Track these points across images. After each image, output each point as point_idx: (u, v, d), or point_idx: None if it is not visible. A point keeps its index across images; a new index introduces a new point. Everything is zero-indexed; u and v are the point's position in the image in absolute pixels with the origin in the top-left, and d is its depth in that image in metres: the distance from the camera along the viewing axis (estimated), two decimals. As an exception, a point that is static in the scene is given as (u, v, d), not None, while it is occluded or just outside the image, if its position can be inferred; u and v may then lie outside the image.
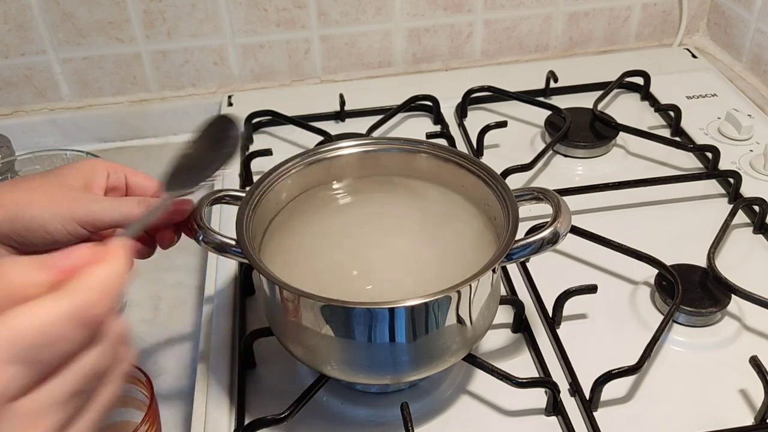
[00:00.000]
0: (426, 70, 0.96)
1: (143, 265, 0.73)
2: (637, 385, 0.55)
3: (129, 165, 0.53)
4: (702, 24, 1.00)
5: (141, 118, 0.92)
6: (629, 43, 1.00)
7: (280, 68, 0.93)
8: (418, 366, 0.50)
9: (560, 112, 0.82)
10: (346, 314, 0.47)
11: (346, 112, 0.86)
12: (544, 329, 0.60)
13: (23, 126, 0.90)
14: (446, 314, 0.48)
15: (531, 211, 0.68)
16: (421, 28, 0.93)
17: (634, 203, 0.72)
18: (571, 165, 0.78)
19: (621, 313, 0.61)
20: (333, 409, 0.55)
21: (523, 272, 0.65)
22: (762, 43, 0.89)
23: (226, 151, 0.51)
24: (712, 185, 0.74)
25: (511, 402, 0.55)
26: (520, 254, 0.50)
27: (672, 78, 0.90)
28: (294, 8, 0.88)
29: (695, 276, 0.62)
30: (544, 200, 0.53)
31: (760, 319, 0.60)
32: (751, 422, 0.53)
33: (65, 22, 0.85)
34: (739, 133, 0.79)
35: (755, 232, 0.69)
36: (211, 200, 0.54)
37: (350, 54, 0.94)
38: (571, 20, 0.96)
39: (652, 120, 0.85)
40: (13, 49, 0.86)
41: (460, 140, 0.82)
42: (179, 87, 0.92)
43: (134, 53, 0.89)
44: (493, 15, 0.93)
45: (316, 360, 0.51)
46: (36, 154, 0.66)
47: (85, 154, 0.65)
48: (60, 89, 0.90)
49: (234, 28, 0.89)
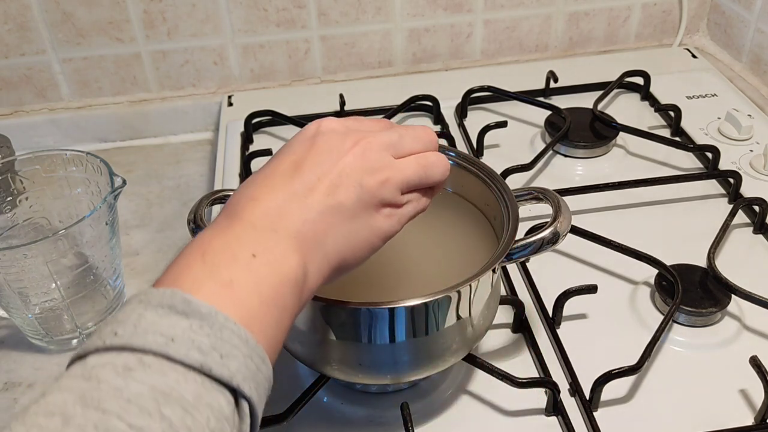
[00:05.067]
0: (426, 70, 0.96)
1: (144, 265, 0.73)
2: (637, 385, 0.55)
3: (129, 165, 0.53)
4: (702, 24, 1.00)
5: (141, 118, 0.92)
6: (629, 43, 1.00)
7: (280, 68, 0.93)
8: (418, 366, 0.50)
9: (560, 112, 0.82)
10: (346, 314, 0.47)
11: (346, 112, 0.86)
12: (544, 329, 0.60)
13: (23, 126, 0.90)
14: (446, 314, 0.48)
15: (531, 211, 0.68)
16: (421, 28, 0.93)
17: (634, 203, 0.72)
18: (571, 165, 0.78)
19: (621, 313, 0.61)
20: (333, 409, 0.55)
21: (523, 272, 0.65)
22: (762, 43, 0.89)
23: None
24: (712, 185, 0.74)
25: (511, 402, 0.55)
26: (520, 254, 0.50)
27: (672, 78, 0.90)
28: (294, 8, 0.88)
29: (695, 276, 0.62)
30: (544, 200, 0.53)
31: (760, 319, 0.60)
32: (751, 422, 0.53)
33: (65, 22, 0.85)
34: (739, 133, 0.79)
35: (755, 232, 0.69)
36: (211, 200, 0.54)
37: (350, 54, 0.94)
38: (571, 20, 0.96)
39: (652, 120, 0.85)
40: (13, 49, 0.86)
41: (460, 140, 0.82)
42: (179, 87, 0.92)
43: (134, 53, 0.89)
44: (493, 15, 0.93)
45: (316, 360, 0.51)
46: (36, 154, 0.65)
47: (85, 154, 0.65)
48: (60, 89, 0.90)
49: (234, 28, 0.89)
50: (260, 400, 0.34)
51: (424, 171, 0.44)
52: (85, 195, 0.66)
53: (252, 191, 0.40)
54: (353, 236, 0.41)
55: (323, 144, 0.41)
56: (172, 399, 0.30)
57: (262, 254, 0.36)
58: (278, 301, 0.36)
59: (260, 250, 0.36)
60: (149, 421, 0.29)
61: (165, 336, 0.31)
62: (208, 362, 0.31)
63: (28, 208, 0.66)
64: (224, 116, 0.88)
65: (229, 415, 0.32)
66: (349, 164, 0.41)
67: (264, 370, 0.34)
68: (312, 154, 0.41)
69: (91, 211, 0.58)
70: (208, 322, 0.32)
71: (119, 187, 0.61)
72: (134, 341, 0.31)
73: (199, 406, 0.30)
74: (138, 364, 0.31)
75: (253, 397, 0.33)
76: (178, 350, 0.31)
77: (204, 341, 0.32)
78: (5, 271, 0.57)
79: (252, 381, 0.33)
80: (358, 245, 0.41)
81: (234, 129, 0.85)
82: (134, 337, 0.31)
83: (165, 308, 0.32)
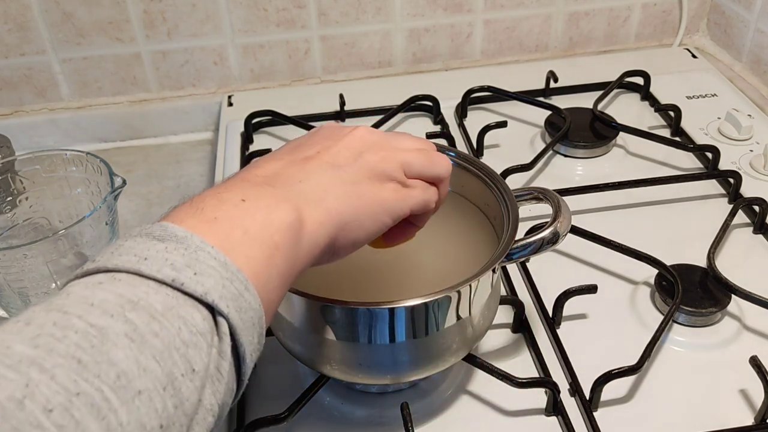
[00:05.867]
0: (426, 70, 0.96)
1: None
2: (637, 385, 0.55)
3: (129, 165, 0.53)
4: (702, 24, 1.00)
5: (141, 118, 0.92)
6: (629, 43, 1.00)
7: (280, 68, 0.93)
8: (418, 366, 0.50)
9: (560, 112, 0.82)
10: (346, 314, 0.47)
11: (346, 112, 0.86)
12: (544, 329, 0.60)
13: (23, 126, 0.90)
14: (446, 314, 0.47)
15: (531, 211, 0.68)
16: (421, 28, 0.93)
17: (634, 203, 0.72)
18: (571, 165, 0.78)
19: (621, 313, 0.61)
20: (333, 409, 0.55)
21: (523, 272, 0.65)
22: (762, 43, 0.89)
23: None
24: (712, 185, 0.74)
25: (511, 402, 0.55)
26: (520, 254, 0.50)
27: (672, 78, 0.90)
28: (294, 8, 0.88)
29: (695, 276, 0.62)
30: (544, 200, 0.53)
31: (760, 319, 0.60)
32: (751, 422, 0.53)
33: (65, 22, 0.85)
34: (739, 133, 0.79)
35: (755, 232, 0.69)
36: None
37: (350, 54, 0.94)
38: (571, 20, 0.96)
39: (652, 120, 0.85)
40: (13, 49, 0.86)
41: (460, 140, 0.82)
42: (179, 87, 0.92)
43: (134, 53, 0.89)
44: (493, 15, 0.93)
45: (316, 360, 0.51)
46: (36, 154, 0.66)
47: (85, 154, 0.65)
48: (60, 89, 0.90)
49: (234, 28, 0.89)
50: (245, 327, 0.33)
51: (426, 158, 0.44)
52: (85, 195, 0.66)
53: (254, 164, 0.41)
54: (355, 198, 0.40)
55: (325, 130, 0.44)
56: (140, 306, 0.29)
57: (253, 200, 0.36)
58: (266, 237, 0.35)
59: (251, 197, 0.36)
60: (111, 321, 0.28)
61: (138, 256, 0.31)
62: (180, 277, 0.31)
63: (28, 208, 0.66)
64: (224, 116, 0.88)
65: (205, 331, 0.31)
66: (348, 141, 0.42)
67: (248, 298, 0.33)
68: (313, 137, 0.43)
69: (91, 211, 0.58)
70: (184, 244, 0.32)
71: (119, 187, 0.61)
72: (108, 263, 0.31)
73: (168, 316, 0.30)
74: (109, 279, 0.30)
75: (233, 318, 0.32)
76: (150, 267, 0.31)
77: (178, 260, 0.31)
78: (5, 271, 0.57)
79: (231, 302, 0.32)
80: (362, 209, 0.40)
81: (234, 129, 0.85)
82: (109, 261, 0.31)
83: (143, 236, 0.33)
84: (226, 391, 0.32)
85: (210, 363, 0.31)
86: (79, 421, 0.25)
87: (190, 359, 0.30)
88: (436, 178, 0.45)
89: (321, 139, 0.42)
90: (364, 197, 0.40)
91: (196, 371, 0.30)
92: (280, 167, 0.40)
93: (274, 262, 0.35)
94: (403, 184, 0.42)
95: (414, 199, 0.43)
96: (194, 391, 0.30)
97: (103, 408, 0.26)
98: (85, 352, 0.27)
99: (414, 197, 0.43)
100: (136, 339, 0.28)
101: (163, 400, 0.28)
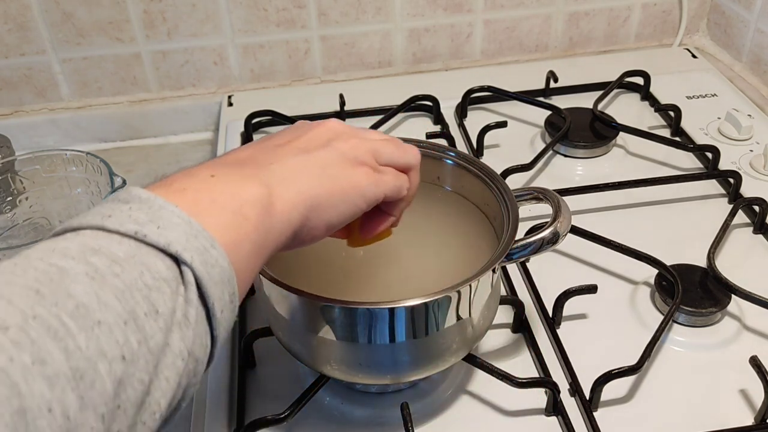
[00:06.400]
0: (426, 70, 0.96)
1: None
2: (637, 385, 0.55)
3: (129, 165, 0.53)
4: (702, 24, 1.00)
5: (141, 118, 0.92)
6: (629, 43, 1.00)
7: (280, 68, 0.93)
8: (418, 366, 0.50)
9: (560, 112, 0.82)
10: (346, 314, 0.47)
11: (346, 112, 0.86)
12: (544, 329, 0.60)
13: (23, 126, 0.90)
14: (446, 314, 0.47)
15: (531, 211, 0.68)
16: (421, 28, 0.93)
17: (634, 203, 0.72)
18: (571, 165, 0.78)
19: (621, 313, 0.61)
20: (333, 409, 0.55)
21: (523, 272, 0.65)
22: (762, 43, 0.89)
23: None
24: (712, 185, 0.74)
25: (511, 402, 0.55)
26: (520, 254, 0.50)
27: (672, 78, 0.90)
28: (294, 8, 0.88)
29: (695, 276, 0.62)
30: (544, 200, 0.53)
31: (760, 319, 0.60)
32: (751, 422, 0.53)
33: (65, 22, 0.85)
34: (739, 133, 0.79)
35: (755, 232, 0.69)
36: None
37: (350, 54, 0.94)
38: (571, 20, 0.96)
39: (652, 120, 0.85)
40: (13, 49, 0.86)
41: (460, 140, 0.82)
42: (179, 87, 0.92)
43: (134, 53, 0.89)
44: (493, 15, 0.93)
45: (316, 360, 0.51)
46: (36, 154, 0.66)
47: (85, 154, 0.65)
48: (60, 89, 0.90)
49: (234, 28, 0.89)
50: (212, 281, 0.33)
51: (396, 147, 0.45)
52: (85, 195, 0.66)
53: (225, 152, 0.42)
54: (327, 180, 0.40)
55: (296, 125, 0.45)
56: (101, 253, 0.30)
57: (222, 175, 0.37)
58: (235, 208, 0.35)
59: (220, 173, 0.37)
60: (72, 263, 0.29)
61: (102, 214, 0.32)
62: (143, 230, 0.31)
63: (28, 208, 0.66)
64: (224, 116, 0.88)
65: (169, 278, 0.31)
66: (318, 131, 0.43)
67: (215, 254, 0.33)
68: (284, 131, 0.44)
69: (91, 211, 0.58)
70: (147, 204, 0.33)
71: (119, 187, 0.61)
72: (74, 223, 0.32)
73: (131, 262, 0.30)
74: (73, 235, 0.31)
75: (197, 270, 0.32)
76: (114, 222, 0.31)
77: (141, 216, 0.32)
78: (5, 271, 0.57)
79: (196, 254, 0.32)
80: (334, 191, 0.40)
81: (234, 129, 0.85)
82: (75, 221, 0.32)
83: (109, 201, 0.33)
84: (197, 340, 0.32)
85: (177, 309, 0.31)
86: (35, 339, 0.26)
87: (153, 301, 0.30)
88: (406, 166, 0.45)
89: (292, 131, 0.44)
90: (336, 179, 0.41)
91: (159, 313, 0.30)
92: (251, 152, 0.41)
93: (243, 231, 0.35)
94: (374, 169, 0.43)
95: (386, 185, 0.44)
96: (158, 331, 0.30)
97: (60, 331, 0.27)
98: (43, 284, 0.28)
99: (386, 182, 0.44)
100: (96, 278, 0.29)
101: (125, 334, 0.29)
